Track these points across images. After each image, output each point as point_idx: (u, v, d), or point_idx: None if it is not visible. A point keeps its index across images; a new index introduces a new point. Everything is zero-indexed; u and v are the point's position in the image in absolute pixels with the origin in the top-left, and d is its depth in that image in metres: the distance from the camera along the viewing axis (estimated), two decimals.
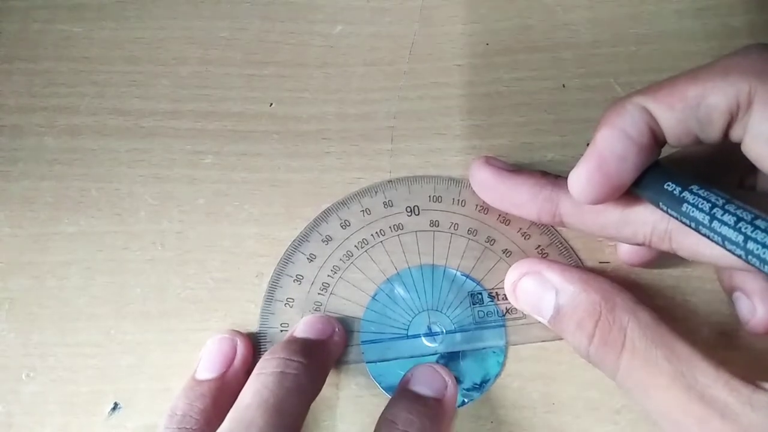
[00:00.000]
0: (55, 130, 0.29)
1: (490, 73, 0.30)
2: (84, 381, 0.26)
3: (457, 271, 0.27)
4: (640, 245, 0.23)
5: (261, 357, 0.24)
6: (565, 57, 0.30)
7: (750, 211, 0.18)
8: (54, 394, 0.26)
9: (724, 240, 0.18)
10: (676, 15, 0.31)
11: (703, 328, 0.26)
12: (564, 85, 0.30)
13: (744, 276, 0.23)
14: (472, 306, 0.26)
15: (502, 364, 0.26)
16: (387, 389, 0.25)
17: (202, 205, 0.28)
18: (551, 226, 0.27)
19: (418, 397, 0.23)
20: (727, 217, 0.18)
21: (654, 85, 0.20)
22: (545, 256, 0.27)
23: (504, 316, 0.26)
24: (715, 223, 0.18)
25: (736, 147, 0.19)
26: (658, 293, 0.26)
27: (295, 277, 0.26)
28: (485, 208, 0.27)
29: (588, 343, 0.22)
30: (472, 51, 0.30)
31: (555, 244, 0.27)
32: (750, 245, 0.17)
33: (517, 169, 0.25)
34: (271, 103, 0.30)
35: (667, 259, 0.27)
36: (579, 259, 0.27)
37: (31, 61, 0.30)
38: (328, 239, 0.27)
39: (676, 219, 0.20)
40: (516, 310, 0.26)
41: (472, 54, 0.30)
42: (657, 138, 0.20)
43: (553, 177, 0.24)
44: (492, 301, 0.26)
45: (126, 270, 0.27)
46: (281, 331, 0.26)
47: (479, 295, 0.26)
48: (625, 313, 0.22)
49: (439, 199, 0.27)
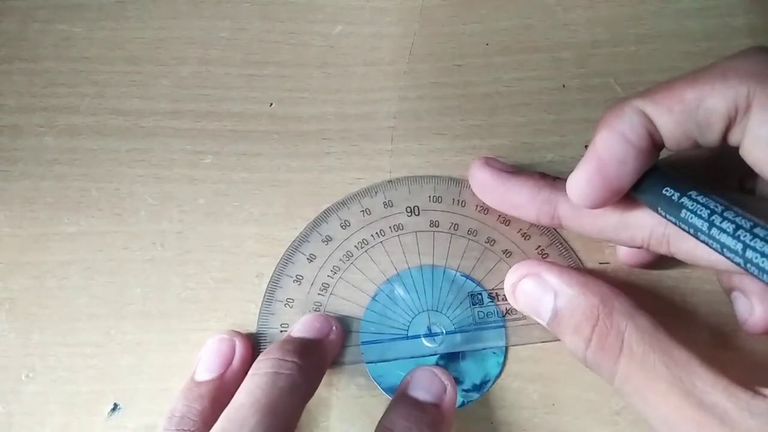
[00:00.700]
0: (55, 130, 0.29)
1: (490, 73, 0.30)
2: (84, 381, 0.26)
3: (457, 271, 0.27)
4: (638, 248, 0.23)
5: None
6: (565, 57, 0.30)
7: (749, 219, 0.18)
8: (54, 394, 0.26)
9: (722, 247, 0.18)
10: (676, 15, 0.31)
11: (702, 329, 0.26)
12: (564, 85, 0.30)
13: (742, 276, 0.23)
14: (472, 306, 0.26)
15: (502, 365, 0.26)
16: (387, 390, 0.25)
17: (202, 205, 0.28)
18: (551, 227, 0.27)
19: (416, 403, 0.23)
20: (725, 225, 0.18)
21: (652, 87, 0.20)
22: (545, 256, 0.27)
23: (504, 316, 0.26)
24: (713, 230, 0.18)
25: (735, 150, 0.19)
26: (657, 294, 0.26)
27: (295, 278, 0.26)
28: (485, 209, 0.27)
29: (585, 348, 0.22)
30: (472, 51, 0.30)
31: (555, 245, 0.27)
32: (749, 254, 0.17)
33: (516, 170, 0.25)
34: (271, 103, 0.30)
35: (666, 260, 0.27)
36: (579, 259, 0.27)
37: (31, 61, 0.30)
38: (328, 239, 0.27)
39: (675, 225, 0.20)
40: (516, 310, 0.26)
41: (472, 54, 0.30)
42: (655, 141, 0.20)
43: (552, 179, 0.24)
44: (492, 301, 0.26)
45: (126, 270, 0.27)
46: (281, 331, 0.26)
47: (479, 296, 0.26)
48: (623, 317, 0.22)
49: (439, 199, 0.27)
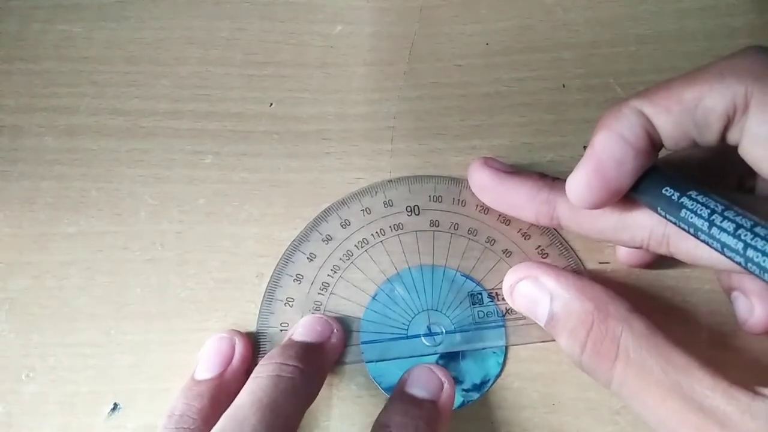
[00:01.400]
0: (55, 130, 0.29)
1: (490, 73, 0.30)
2: (84, 381, 0.26)
3: (456, 271, 0.27)
4: (638, 248, 0.23)
5: (260, 358, 0.24)
6: (565, 57, 0.30)
7: (749, 218, 0.18)
8: (54, 394, 0.25)
9: (723, 247, 0.18)
10: (676, 15, 0.31)
11: (702, 329, 0.26)
12: (564, 85, 0.30)
13: (742, 276, 0.23)
14: (472, 306, 0.26)
15: (502, 365, 0.26)
16: (387, 389, 0.25)
17: (202, 205, 0.28)
18: (550, 227, 0.27)
19: (413, 400, 0.23)
20: (726, 224, 0.18)
21: (651, 88, 0.20)
22: (545, 256, 0.27)
23: (504, 316, 0.26)
24: (714, 230, 0.18)
25: (735, 149, 0.19)
26: (657, 294, 0.26)
27: (295, 277, 0.26)
28: (485, 209, 0.27)
29: (580, 352, 0.22)
30: (472, 51, 0.30)
31: (555, 245, 0.27)
32: (750, 253, 0.17)
33: (515, 170, 0.25)
34: (271, 103, 0.30)
35: (666, 260, 0.27)
36: (579, 259, 0.27)
37: (31, 61, 0.30)
38: (328, 239, 0.27)
39: (675, 224, 0.20)
40: (513, 311, 0.26)
41: (472, 54, 0.30)
42: (654, 142, 0.20)
43: (551, 179, 0.24)
44: (492, 301, 0.26)
45: (126, 270, 0.27)
46: (281, 330, 0.26)
47: (479, 296, 0.26)
48: (618, 322, 0.21)
49: (440, 198, 0.28)
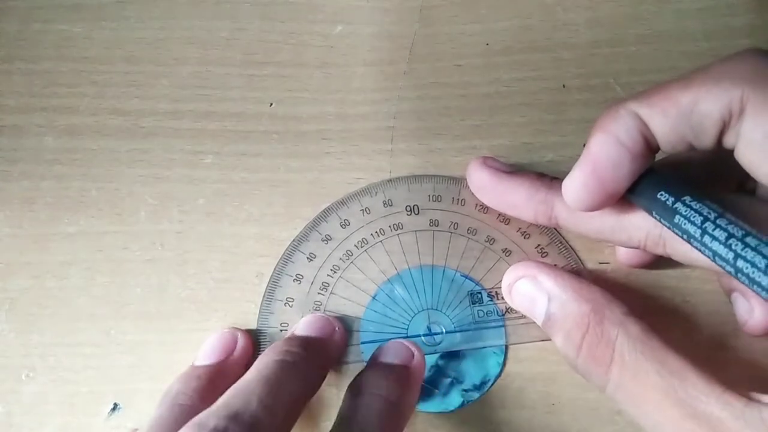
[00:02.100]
0: (55, 130, 0.29)
1: (490, 73, 0.30)
2: (84, 381, 0.26)
3: (456, 270, 0.27)
4: (636, 249, 0.23)
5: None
6: (565, 57, 0.30)
7: (741, 227, 0.18)
8: (54, 394, 0.26)
9: (714, 255, 0.18)
10: (676, 15, 0.31)
11: (702, 329, 0.26)
12: (564, 85, 0.30)
13: None
14: (472, 305, 0.26)
15: (502, 365, 0.25)
16: None
17: (202, 205, 0.28)
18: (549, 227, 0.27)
19: (385, 365, 0.23)
20: (718, 233, 0.18)
21: (647, 90, 0.20)
22: (545, 255, 0.27)
23: (504, 315, 0.26)
24: (706, 238, 0.18)
25: (731, 152, 0.19)
26: (657, 294, 0.26)
27: (294, 277, 0.26)
28: (485, 208, 0.27)
29: (576, 355, 0.22)
30: (472, 51, 0.30)
31: (555, 243, 0.27)
32: (740, 263, 0.17)
33: (514, 170, 0.25)
34: (271, 103, 0.30)
35: (666, 260, 0.27)
36: (579, 258, 0.27)
37: (31, 61, 0.30)
38: (327, 239, 0.27)
39: (669, 229, 0.20)
40: (516, 309, 0.26)
41: (472, 54, 0.30)
42: (650, 145, 0.20)
43: (549, 179, 0.24)
44: (491, 300, 0.26)
45: (126, 270, 0.27)
46: (281, 330, 0.26)
47: (479, 295, 0.26)
48: (614, 326, 0.21)
49: (439, 198, 0.28)
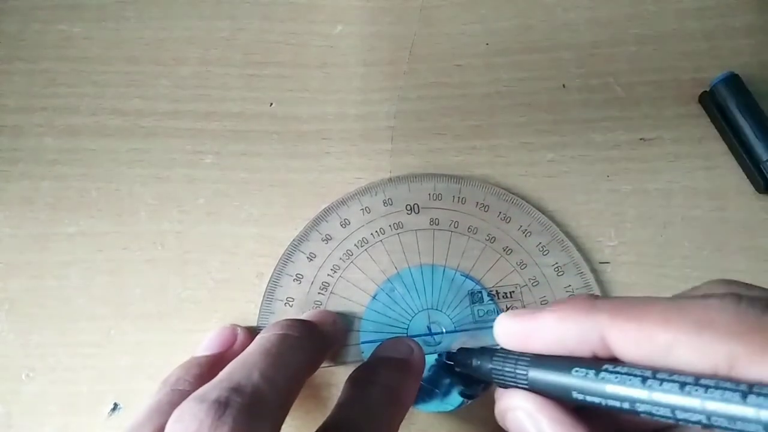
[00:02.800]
0: (55, 130, 0.29)
1: (490, 73, 0.30)
2: (84, 381, 0.26)
3: (456, 270, 0.27)
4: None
5: None
6: (565, 57, 0.30)
7: (687, 375, 0.15)
8: (54, 394, 0.25)
9: (674, 410, 0.15)
10: (676, 15, 0.31)
11: None
12: (564, 85, 0.30)
13: None
14: (472, 305, 0.26)
15: None
16: None
17: (202, 205, 0.28)
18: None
19: (384, 359, 0.23)
20: (668, 386, 0.15)
21: (620, 305, 0.18)
22: (546, 254, 0.27)
23: None
24: (656, 395, 0.15)
25: None
26: (657, 294, 0.26)
27: (295, 277, 0.26)
28: (486, 206, 0.27)
29: None
30: (472, 51, 0.30)
31: (556, 241, 0.27)
32: (710, 405, 0.14)
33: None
34: (271, 103, 0.30)
35: (666, 259, 0.27)
36: (580, 257, 0.27)
37: (31, 61, 0.30)
38: (328, 238, 0.27)
39: (597, 406, 0.17)
40: (516, 307, 0.26)
41: (472, 54, 0.30)
42: (596, 354, 0.18)
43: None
44: (491, 300, 0.26)
45: (126, 270, 0.27)
46: None
47: (479, 294, 0.26)
48: None
49: (440, 197, 0.27)
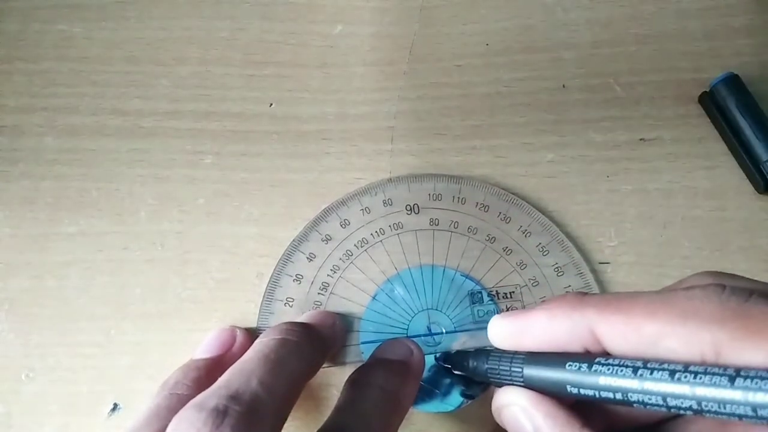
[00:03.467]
0: (55, 130, 0.29)
1: (490, 73, 0.30)
2: (84, 381, 0.26)
3: (456, 270, 0.27)
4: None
5: None
6: (565, 57, 0.30)
7: (676, 363, 0.15)
8: (54, 394, 0.25)
9: (665, 398, 0.15)
10: (676, 15, 0.31)
11: None
12: (564, 85, 0.30)
13: None
14: (472, 305, 0.26)
15: None
16: None
17: (202, 205, 0.28)
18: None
19: (384, 360, 0.23)
20: (659, 374, 0.15)
21: (608, 299, 0.18)
22: (546, 254, 0.27)
23: None
24: (648, 384, 0.16)
25: None
26: None
27: (294, 277, 0.26)
28: (485, 206, 0.27)
29: None
30: (472, 51, 0.30)
31: (556, 242, 0.27)
32: (700, 391, 0.15)
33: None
34: (271, 103, 0.30)
35: (666, 259, 0.27)
36: (580, 257, 0.27)
37: (31, 61, 0.30)
38: (327, 238, 0.27)
39: (592, 399, 0.17)
40: (515, 308, 0.26)
41: (472, 54, 0.30)
42: (587, 349, 0.18)
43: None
44: (491, 300, 0.26)
45: (126, 270, 0.27)
46: None
47: (479, 294, 0.26)
48: None
49: (439, 197, 0.27)
